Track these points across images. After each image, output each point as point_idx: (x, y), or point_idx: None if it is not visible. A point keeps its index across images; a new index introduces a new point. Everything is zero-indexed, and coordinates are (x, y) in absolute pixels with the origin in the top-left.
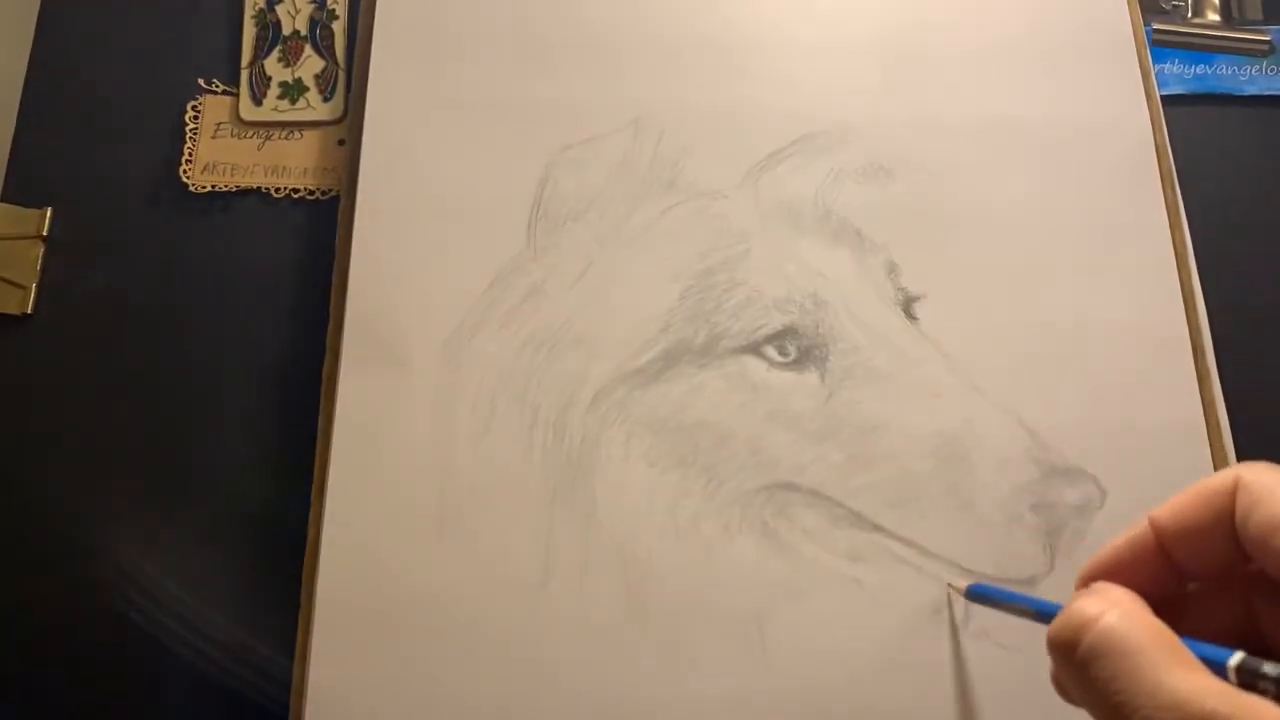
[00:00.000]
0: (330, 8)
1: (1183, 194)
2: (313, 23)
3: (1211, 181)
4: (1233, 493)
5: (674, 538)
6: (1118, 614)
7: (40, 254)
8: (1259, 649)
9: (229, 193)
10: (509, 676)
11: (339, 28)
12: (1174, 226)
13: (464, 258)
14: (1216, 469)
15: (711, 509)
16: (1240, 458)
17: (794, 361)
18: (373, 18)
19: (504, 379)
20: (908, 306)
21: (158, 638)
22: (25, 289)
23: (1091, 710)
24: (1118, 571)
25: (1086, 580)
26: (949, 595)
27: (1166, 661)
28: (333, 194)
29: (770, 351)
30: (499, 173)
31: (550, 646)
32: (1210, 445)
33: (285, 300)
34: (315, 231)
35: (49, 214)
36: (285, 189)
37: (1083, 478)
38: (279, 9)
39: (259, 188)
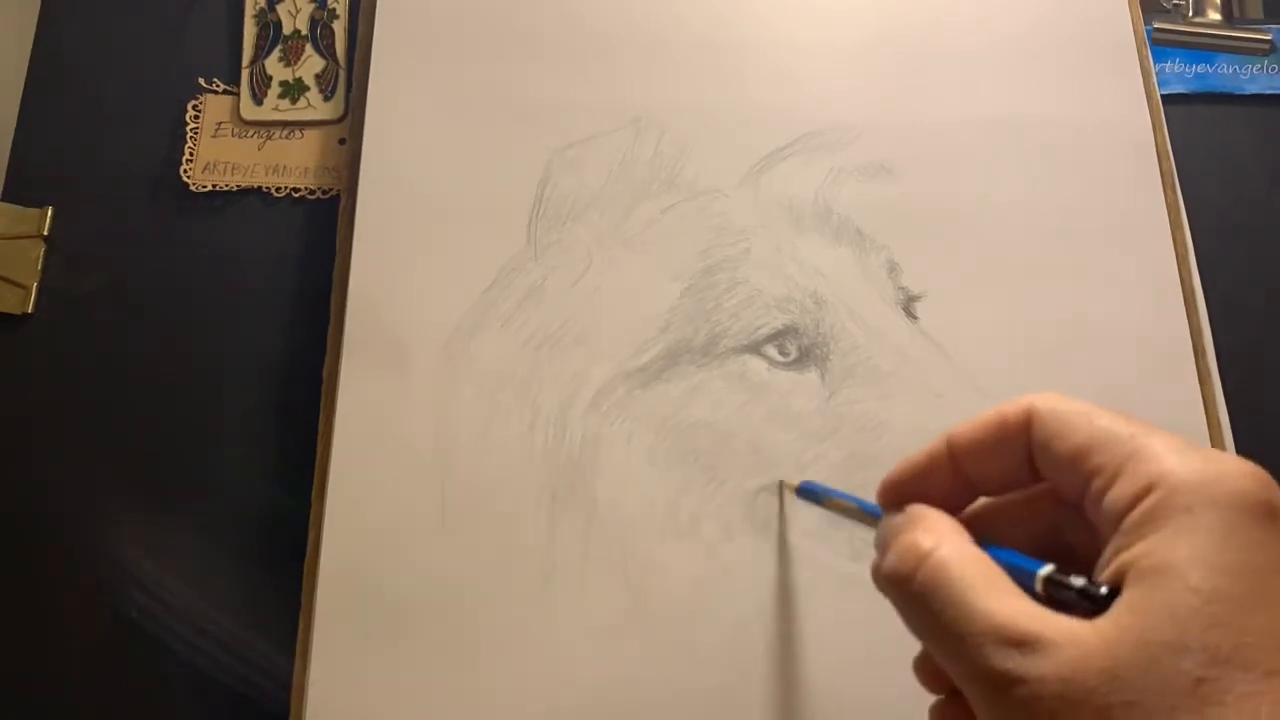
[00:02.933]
0: (331, 7)
1: (1183, 193)
2: (313, 22)
3: (1212, 181)
4: (1025, 422)
5: (675, 537)
6: (948, 548)
7: (41, 253)
8: (1063, 557)
9: (229, 192)
10: (509, 676)
11: (339, 27)
12: (1174, 226)
13: (465, 257)
14: None
15: (712, 508)
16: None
17: (794, 361)
18: (373, 17)
19: (505, 378)
20: (908, 306)
21: (158, 637)
22: (25, 288)
23: (923, 638)
24: (916, 482)
25: (888, 489)
26: (780, 492)
27: (986, 589)
28: (333, 193)
29: (771, 351)
30: (499, 172)
31: (551, 645)
32: (1210, 445)
33: (286, 300)
34: (316, 231)
35: (49, 213)
36: (286, 188)
37: None
38: (279, 8)
39: (259, 187)
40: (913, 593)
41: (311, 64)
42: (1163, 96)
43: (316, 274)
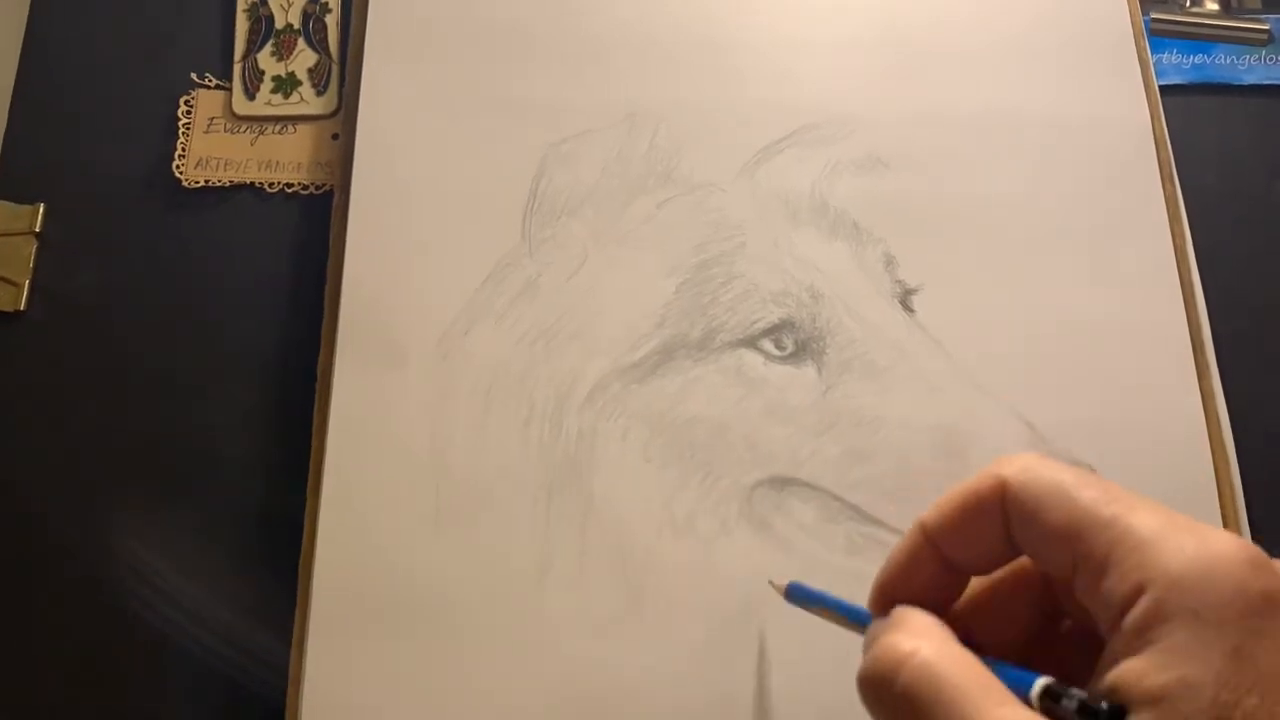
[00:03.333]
0: (323, 1)
1: (1181, 184)
2: (305, 16)
3: (1210, 172)
4: (998, 496)
5: (671, 532)
6: (931, 650)
7: (33, 251)
8: (1065, 638)
9: (222, 188)
10: (505, 672)
11: (332, 21)
12: (1173, 219)
13: (459, 252)
14: (1215, 462)
15: (709, 503)
16: (1239, 451)
17: (791, 355)
18: (366, 11)
19: (500, 374)
20: (905, 299)
21: (156, 635)
22: (18, 286)
23: None
24: (902, 578)
25: (879, 593)
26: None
27: (982, 700)
28: (326, 189)
29: (767, 345)
30: (494, 167)
31: (547, 641)
32: (1209, 438)
33: (279, 296)
34: (309, 226)
35: (41, 210)
36: (279, 184)
37: None
38: (271, 3)
39: (252, 183)
40: (895, 697)
41: (304, 58)
42: (1160, 87)
43: (310, 270)
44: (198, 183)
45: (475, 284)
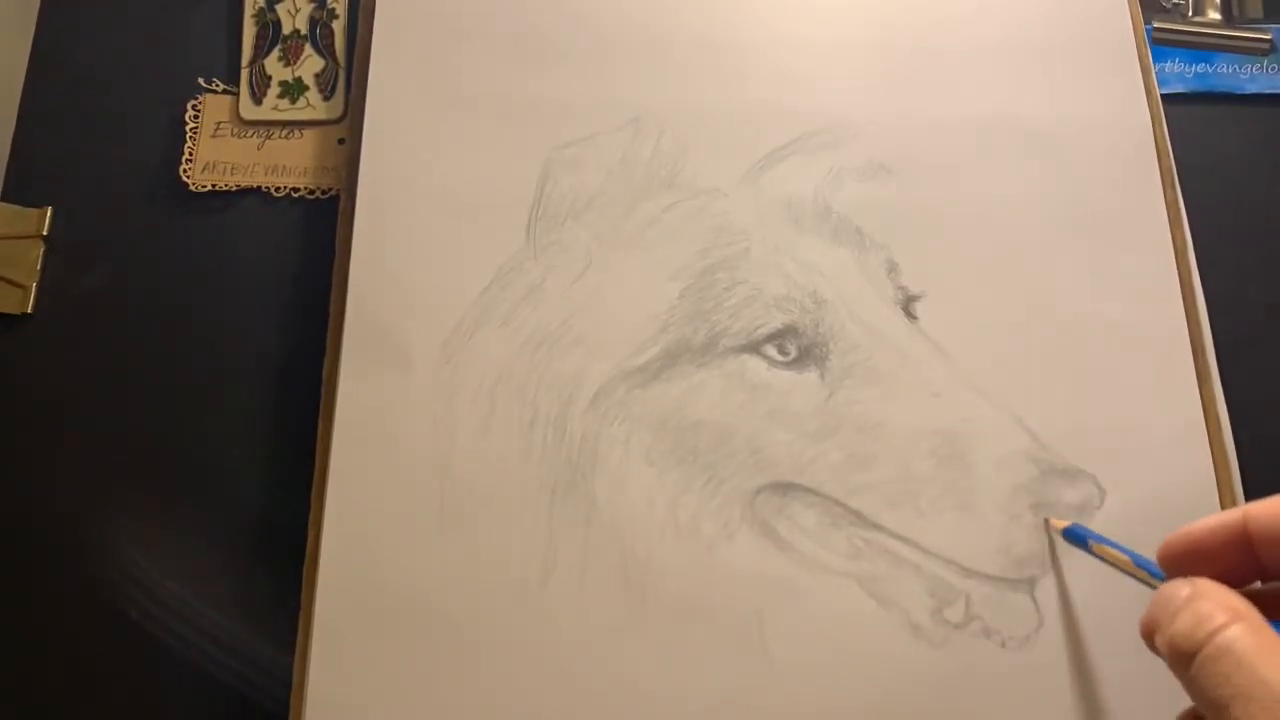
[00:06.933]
0: (330, 7)
1: (1183, 193)
2: (312, 22)
3: (1212, 180)
4: None
5: (674, 537)
6: (1243, 625)
7: (40, 253)
8: None
9: (229, 192)
10: (508, 676)
11: (339, 27)
12: (1174, 225)
13: (464, 256)
14: (1216, 468)
15: (711, 508)
16: (1240, 457)
17: (794, 360)
18: (373, 16)
19: (504, 378)
20: (908, 305)
21: (157, 638)
22: (25, 288)
23: (1205, 707)
24: (1201, 552)
25: (1170, 552)
26: (1049, 530)
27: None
28: (332, 193)
29: (770, 350)
30: (499, 171)
31: (550, 645)
32: (1210, 444)
33: (285, 300)
34: (315, 231)
35: (49, 213)
36: (285, 188)
37: (1081, 477)
38: (279, 8)
39: (259, 187)
40: (1199, 659)
41: (311, 64)
42: (1162, 96)
43: (316, 274)
44: (204, 187)
45: (480, 288)
